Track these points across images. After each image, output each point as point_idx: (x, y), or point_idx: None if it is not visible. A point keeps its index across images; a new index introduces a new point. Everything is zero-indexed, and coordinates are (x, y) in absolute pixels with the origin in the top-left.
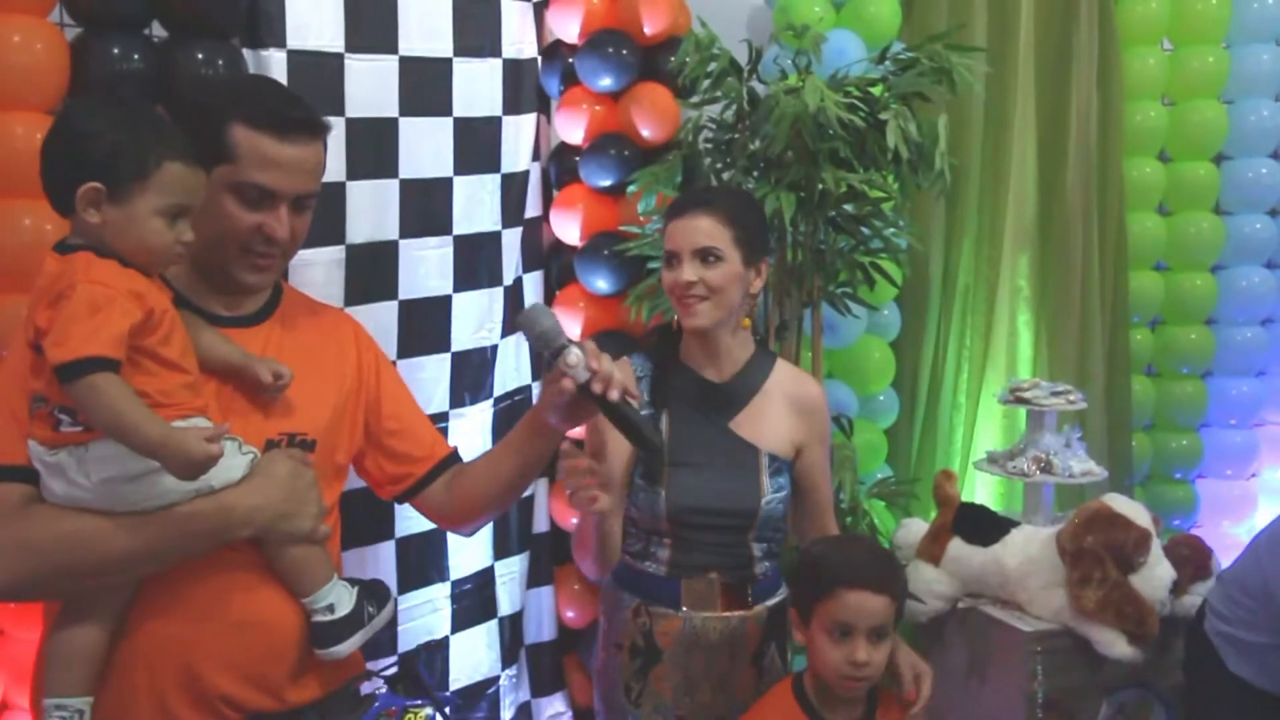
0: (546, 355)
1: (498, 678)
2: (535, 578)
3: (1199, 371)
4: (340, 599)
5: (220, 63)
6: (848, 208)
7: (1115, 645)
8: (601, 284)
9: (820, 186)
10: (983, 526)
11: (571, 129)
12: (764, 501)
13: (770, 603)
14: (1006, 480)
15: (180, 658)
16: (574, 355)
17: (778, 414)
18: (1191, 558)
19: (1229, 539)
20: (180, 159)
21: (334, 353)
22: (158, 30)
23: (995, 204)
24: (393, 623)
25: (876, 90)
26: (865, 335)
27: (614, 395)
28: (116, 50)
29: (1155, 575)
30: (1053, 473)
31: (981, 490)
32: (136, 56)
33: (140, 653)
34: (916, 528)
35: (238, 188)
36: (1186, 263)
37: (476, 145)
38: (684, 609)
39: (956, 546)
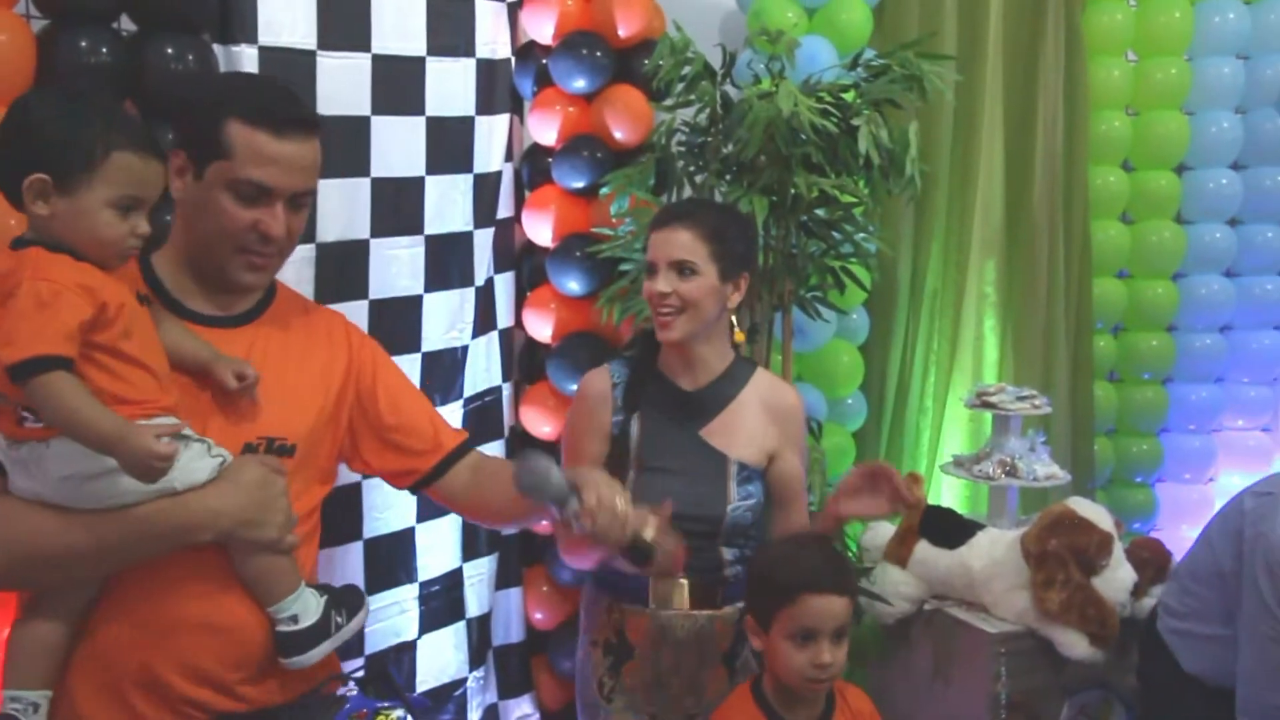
0: (552, 507)
1: (465, 679)
2: (504, 579)
3: (1160, 377)
4: (306, 609)
5: (190, 58)
6: (819, 212)
7: (1077, 646)
8: (573, 285)
9: (792, 191)
10: (949, 529)
11: (544, 130)
12: (730, 509)
13: (741, 604)
14: (972, 484)
15: (139, 658)
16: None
17: (751, 423)
18: (1152, 560)
19: (1187, 542)
20: (130, 149)
21: (322, 354)
22: (127, 24)
23: (963, 210)
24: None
25: (849, 96)
26: (834, 339)
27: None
28: (84, 43)
29: (1117, 578)
30: (1017, 476)
31: (948, 493)
32: (105, 50)
33: (100, 651)
34: (883, 530)
35: (234, 185)
36: (1148, 270)
37: (449, 145)
38: (652, 606)
39: (923, 549)
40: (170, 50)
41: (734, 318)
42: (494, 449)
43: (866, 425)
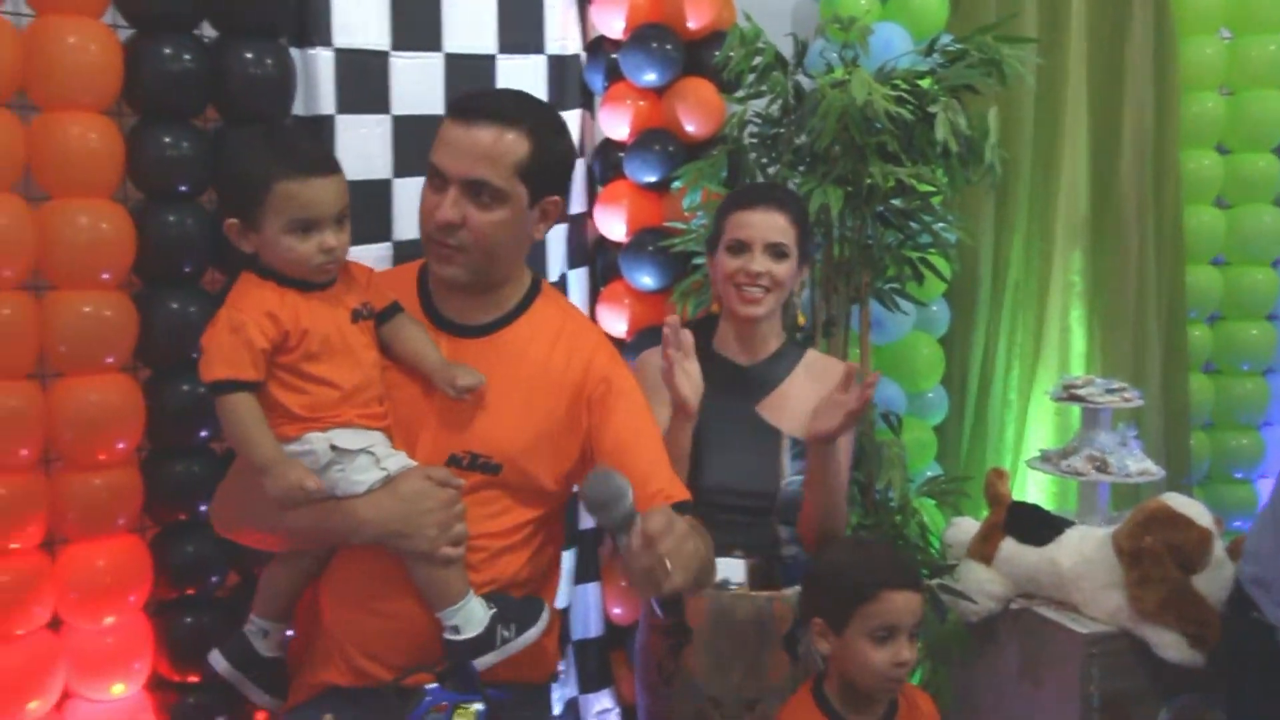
0: (609, 529)
1: None
2: (583, 573)
3: (1260, 368)
4: (469, 621)
5: (268, 62)
6: (896, 202)
7: (1175, 648)
8: (646, 280)
9: (868, 181)
10: (1036, 526)
11: (616, 125)
12: (784, 483)
13: (800, 587)
14: (1060, 479)
15: (337, 626)
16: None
17: (803, 397)
18: None
19: None
20: (289, 176)
21: (556, 377)
22: (208, 30)
23: (1047, 197)
24: None
25: (924, 83)
26: (913, 331)
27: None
28: (168, 50)
29: (1219, 577)
30: (1108, 472)
31: (1033, 489)
32: (187, 57)
33: (316, 611)
34: (967, 527)
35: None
36: (1246, 257)
37: None
38: (724, 582)
39: (1009, 546)
40: (250, 55)
41: (797, 301)
42: None
43: (948, 420)
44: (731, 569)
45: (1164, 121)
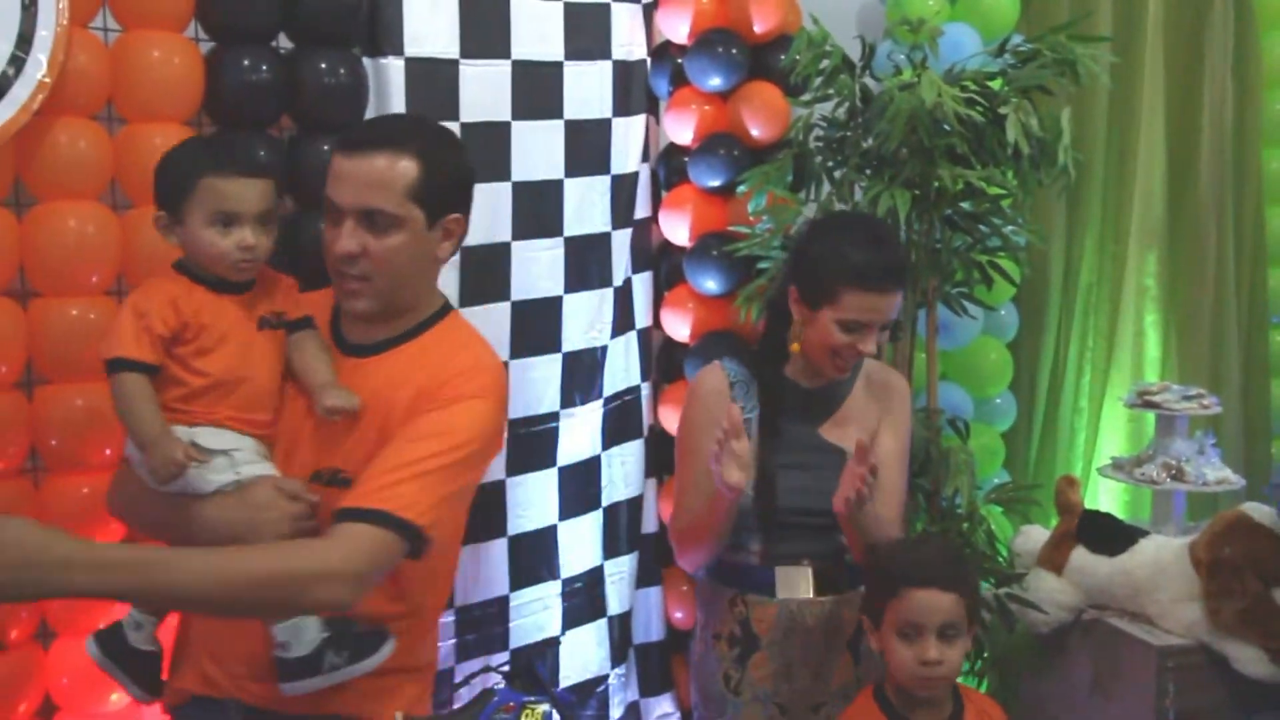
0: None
1: (607, 676)
2: (644, 578)
3: None
4: (298, 639)
5: (342, 71)
6: (965, 205)
7: (1257, 664)
8: (711, 285)
9: (936, 184)
10: (1108, 535)
11: (680, 129)
12: None
13: (863, 588)
14: (1133, 488)
15: (202, 625)
16: None
17: (861, 411)
18: None
19: None
20: (213, 173)
21: (409, 392)
22: (284, 42)
23: (1120, 199)
24: (504, 619)
25: (995, 84)
26: (982, 336)
27: None
28: (246, 62)
29: None
30: (1184, 480)
31: (1105, 497)
32: (265, 68)
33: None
34: (1036, 535)
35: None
36: None
37: (587, 147)
38: (780, 595)
39: (1080, 555)
40: (324, 65)
41: None
42: (634, 448)
43: (1016, 426)
44: (798, 577)
45: (1245, 119)
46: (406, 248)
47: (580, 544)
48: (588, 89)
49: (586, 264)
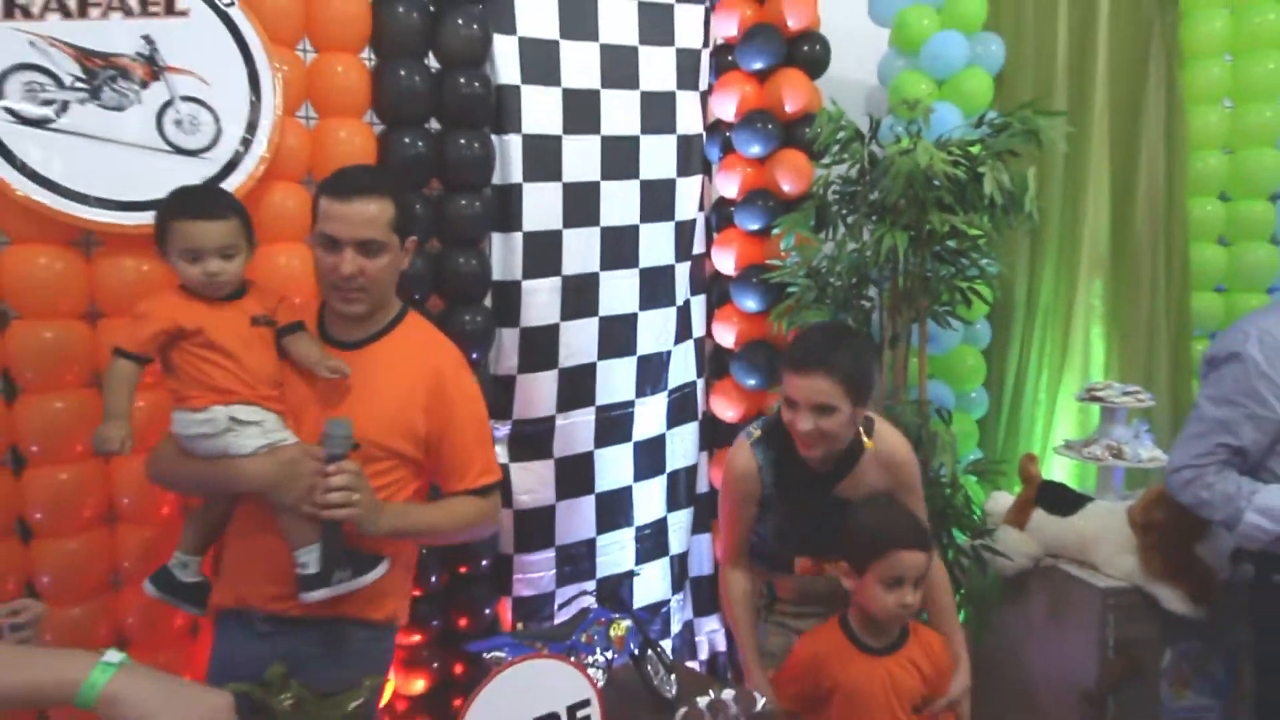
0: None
1: (669, 600)
2: (697, 526)
3: None
4: (313, 560)
5: (476, 146)
6: (950, 243)
7: (1179, 603)
8: (750, 304)
9: (927, 227)
10: (1062, 500)
11: (728, 186)
12: None
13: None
14: (1081, 464)
15: (236, 554)
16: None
17: (870, 477)
18: None
19: None
20: (180, 218)
21: (412, 375)
22: (434, 124)
23: (1074, 238)
24: (592, 556)
25: (975, 149)
26: (961, 345)
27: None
28: (407, 140)
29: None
30: (1123, 458)
31: (1059, 471)
32: (420, 144)
33: (228, 539)
34: (1003, 499)
35: (320, 240)
36: (1244, 285)
37: (656, 201)
38: (795, 573)
39: (1039, 516)
40: (463, 141)
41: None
42: (691, 428)
43: (988, 415)
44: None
45: (1174, 175)
46: (390, 265)
47: (649, 500)
48: (658, 157)
49: (656, 289)
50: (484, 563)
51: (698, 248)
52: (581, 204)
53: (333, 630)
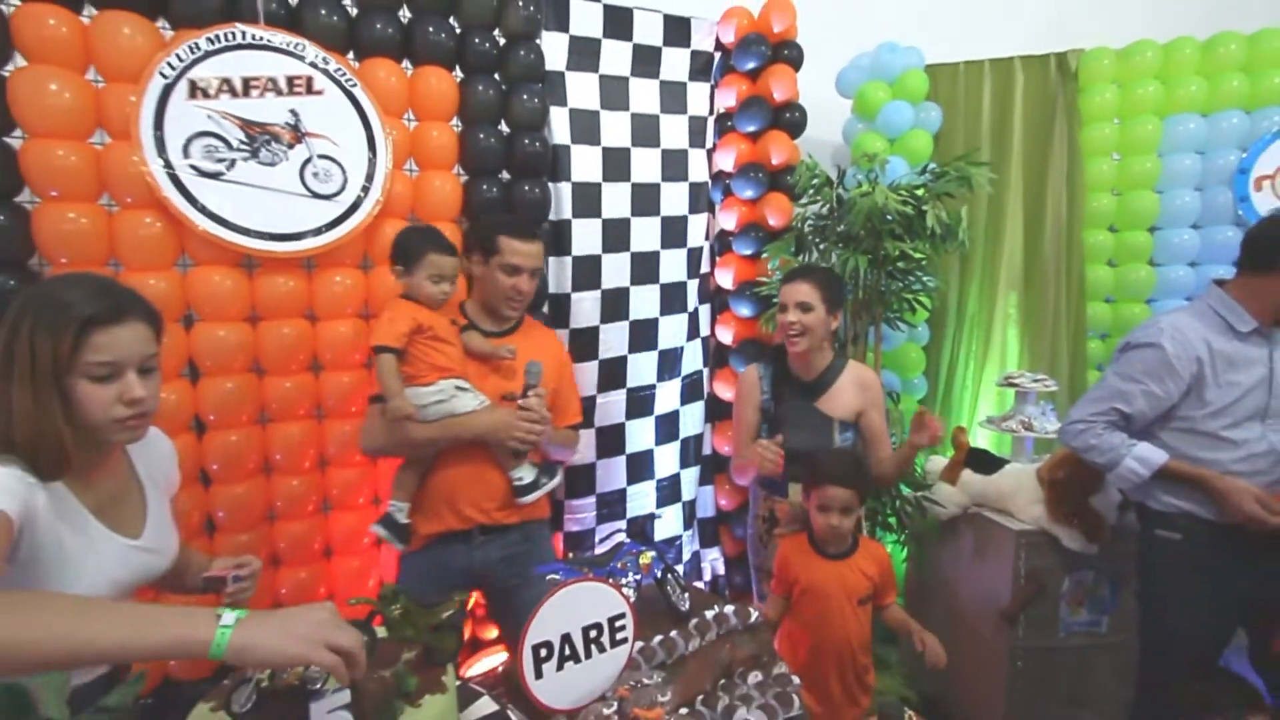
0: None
1: (681, 536)
2: (703, 480)
3: None
4: (524, 475)
5: (537, 191)
6: (899, 264)
7: (1076, 541)
8: (744, 311)
9: (882, 252)
10: (985, 462)
11: (728, 221)
12: (836, 446)
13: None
14: (999, 434)
15: (447, 491)
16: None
17: (846, 395)
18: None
19: None
20: (435, 251)
21: (546, 351)
22: (505, 175)
23: (994, 260)
24: (623, 501)
25: (920, 192)
26: (906, 343)
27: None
28: (484, 187)
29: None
30: (1033, 430)
31: (982, 440)
32: (494, 189)
33: (435, 483)
34: (939, 461)
35: (503, 267)
36: (1128, 297)
37: (673, 231)
38: (790, 498)
39: (967, 474)
40: (527, 188)
41: (838, 332)
42: (699, 406)
43: (927, 396)
44: (798, 488)
45: (1073, 212)
46: (534, 285)
47: (667, 459)
48: (674, 199)
49: (672, 299)
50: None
51: (704, 268)
52: (616, 235)
53: (528, 529)
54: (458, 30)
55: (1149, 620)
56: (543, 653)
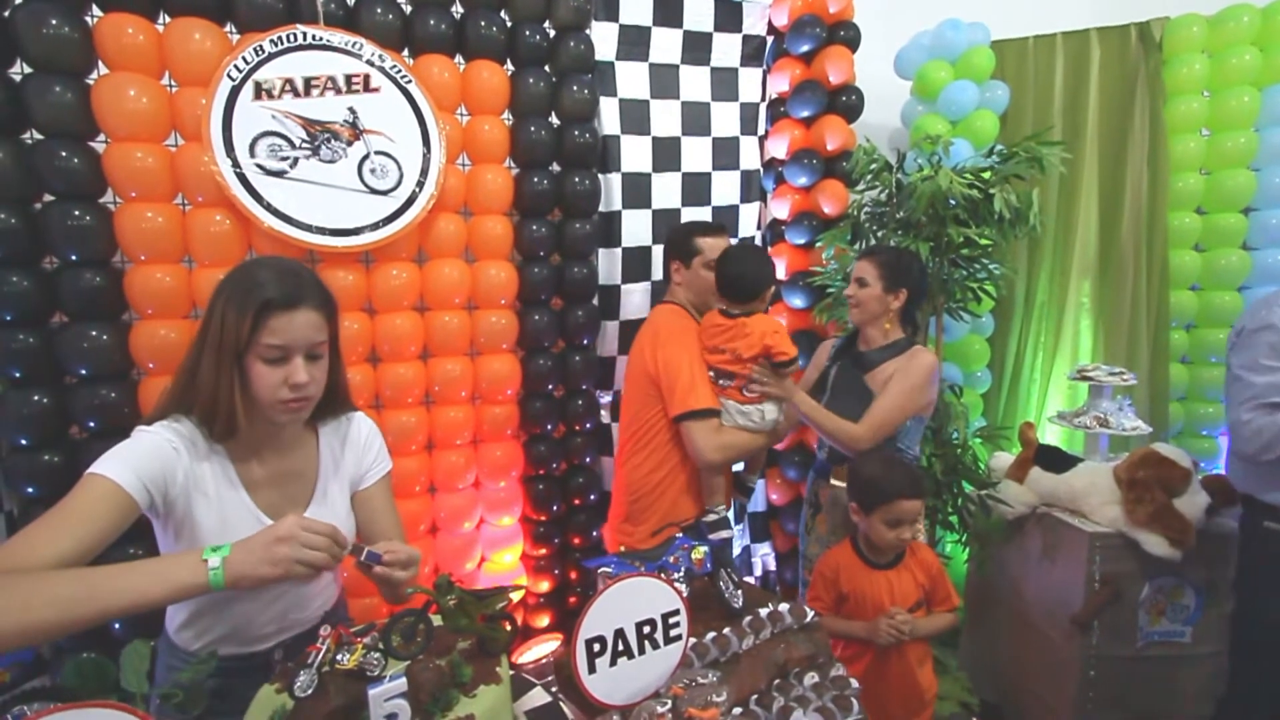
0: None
1: (733, 531)
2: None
3: (1222, 362)
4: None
5: (588, 183)
6: (964, 251)
7: (1160, 547)
8: (798, 302)
9: (945, 239)
10: (1055, 460)
11: (781, 209)
12: None
13: (854, 492)
14: (1070, 431)
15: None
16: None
17: (889, 376)
18: (1220, 490)
19: None
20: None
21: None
22: (555, 167)
23: (1066, 245)
24: None
25: (986, 175)
26: (969, 334)
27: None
28: (536, 179)
29: (1195, 501)
30: (1109, 427)
31: (1050, 438)
32: (545, 181)
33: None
34: (1004, 458)
35: (706, 264)
36: (1217, 284)
37: (725, 221)
38: (833, 481)
39: (1036, 472)
40: (577, 179)
41: (908, 313)
42: None
43: (991, 390)
44: (840, 474)
45: (1156, 194)
46: None
47: None
48: (725, 188)
49: None
50: (591, 497)
51: None
52: (667, 226)
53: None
54: (509, 24)
55: (1246, 616)
56: (595, 647)
